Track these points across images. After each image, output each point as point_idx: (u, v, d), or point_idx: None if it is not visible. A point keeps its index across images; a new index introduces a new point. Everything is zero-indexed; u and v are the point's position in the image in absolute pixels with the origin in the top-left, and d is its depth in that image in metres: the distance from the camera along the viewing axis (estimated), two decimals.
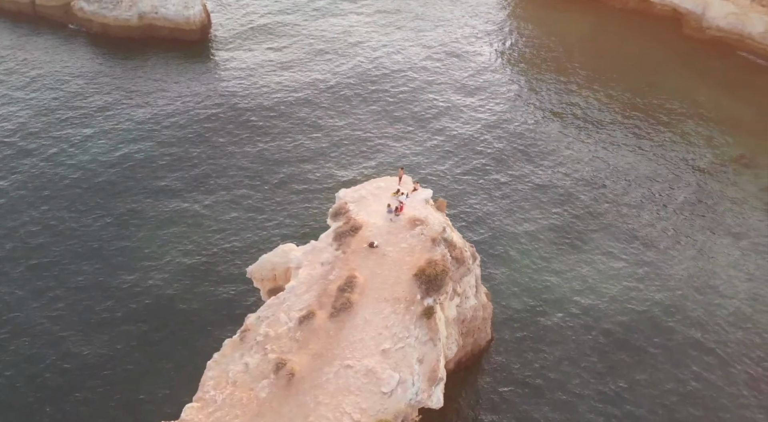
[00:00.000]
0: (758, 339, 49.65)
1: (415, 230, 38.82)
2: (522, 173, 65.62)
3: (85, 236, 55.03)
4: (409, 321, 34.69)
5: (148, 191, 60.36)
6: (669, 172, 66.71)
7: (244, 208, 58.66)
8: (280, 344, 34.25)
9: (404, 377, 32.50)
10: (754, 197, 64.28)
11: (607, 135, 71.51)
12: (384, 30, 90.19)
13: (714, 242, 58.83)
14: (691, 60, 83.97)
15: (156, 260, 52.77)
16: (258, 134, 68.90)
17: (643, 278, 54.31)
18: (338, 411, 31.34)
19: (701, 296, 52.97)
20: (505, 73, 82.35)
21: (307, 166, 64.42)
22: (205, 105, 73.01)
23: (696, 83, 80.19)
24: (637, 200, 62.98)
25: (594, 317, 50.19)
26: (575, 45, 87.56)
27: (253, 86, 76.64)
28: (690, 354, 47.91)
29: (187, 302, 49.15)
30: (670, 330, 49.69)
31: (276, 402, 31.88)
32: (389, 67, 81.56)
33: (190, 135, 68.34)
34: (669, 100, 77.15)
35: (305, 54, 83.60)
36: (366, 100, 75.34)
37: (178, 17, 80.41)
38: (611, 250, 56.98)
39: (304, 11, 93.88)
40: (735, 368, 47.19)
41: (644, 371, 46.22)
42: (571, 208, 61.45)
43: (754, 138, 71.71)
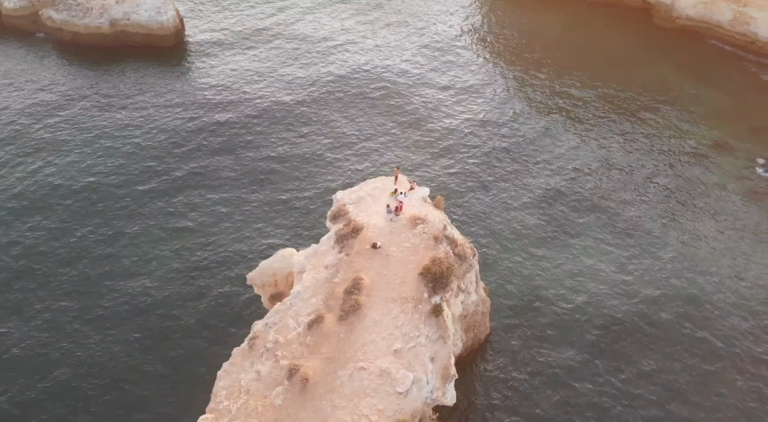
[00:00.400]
0: (747, 321, 50.97)
1: (417, 228, 38.90)
2: (508, 168, 66.21)
3: (67, 249, 53.77)
4: (419, 319, 34.77)
5: (130, 201, 59.11)
6: (649, 161, 68.02)
7: (231, 215, 57.93)
8: (290, 350, 34.02)
9: (418, 376, 32.57)
10: (733, 181, 65.92)
11: (587, 128, 72.60)
12: (361, 33, 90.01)
13: (698, 227, 60.19)
14: (663, 50, 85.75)
15: (145, 271, 51.59)
16: (239, 140, 68.14)
17: (631, 265, 55.31)
18: (356, 413, 31.27)
19: (690, 281, 54.10)
20: (485, 71, 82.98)
21: (293, 171, 63.90)
22: (183, 112, 72.04)
23: (670, 73, 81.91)
24: (621, 190, 64.06)
25: (587, 306, 50.90)
26: (550, 40, 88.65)
27: (232, 92, 75.86)
28: (681, 339, 48.90)
29: (182, 312, 48.43)
30: (659, 315, 50.69)
31: (292, 408, 31.67)
32: (368, 70, 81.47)
33: (169, 143, 67.33)
34: (645, 91, 78.66)
35: (283, 57, 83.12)
36: (348, 103, 75.10)
37: (152, 23, 79.14)
38: (599, 239, 57.87)
39: (280, 14, 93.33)
40: (726, 351, 48.24)
41: (636, 355, 47.16)
42: (556, 201, 62.22)
43: (729, 123, 73.57)
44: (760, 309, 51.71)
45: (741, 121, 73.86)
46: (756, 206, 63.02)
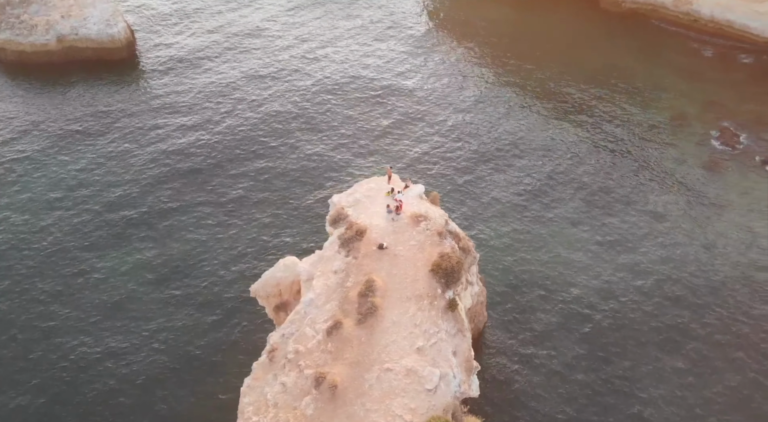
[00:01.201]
0: (718, 284, 53.84)
1: (420, 226, 39.28)
2: (479, 159, 67.47)
3: (33, 282, 51.89)
4: (436, 316, 35.21)
5: (97, 225, 57.15)
6: (611, 142, 70.49)
7: (202, 235, 56.47)
8: (313, 358, 33.92)
9: (444, 371, 33.03)
10: (692, 154, 69.13)
11: (548, 114, 74.52)
12: (317, 40, 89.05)
13: (666, 201, 62.89)
14: (611, 33, 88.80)
15: (130, 304, 50.43)
16: (199, 153, 66.46)
17: (607, 244, 57.51)
18: (389, 415, 31.49)
19: (664, 254, 56.60)
20: (446, 67, 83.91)
21: (261, 184, 62.67)
22: (141, 126, 70.08)
23: (620, 55, 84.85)
24: (589, 171, 66.22)
25: (570, 286, 52.86)
26: (502, 32, 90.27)
27: (189, 103, 74.14)
28: (663, 310, 51.32)
29: (175, 334, 47.59)
30: (638, 289, 53.04)
31: (325, 416, 31.63)
32: (334, 78, 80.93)
33: (129, 159, 65.35)
34: (600, 74, 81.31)
35: (240, 66, 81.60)
36: (315, 110, 74.61)
37: (102, 36, 76.61)
38: (575, 221, 59.79)
39: (233, 23, 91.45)
40: (708, 321, 50.77)
41: (619, 329, 49.43)
42: (529, 187, 63.84)
43: (681, 100, 76.98)
44: (732, 277, 54.57)
45: (691, 97, 77.39)
46: (716, 177, 66.29)
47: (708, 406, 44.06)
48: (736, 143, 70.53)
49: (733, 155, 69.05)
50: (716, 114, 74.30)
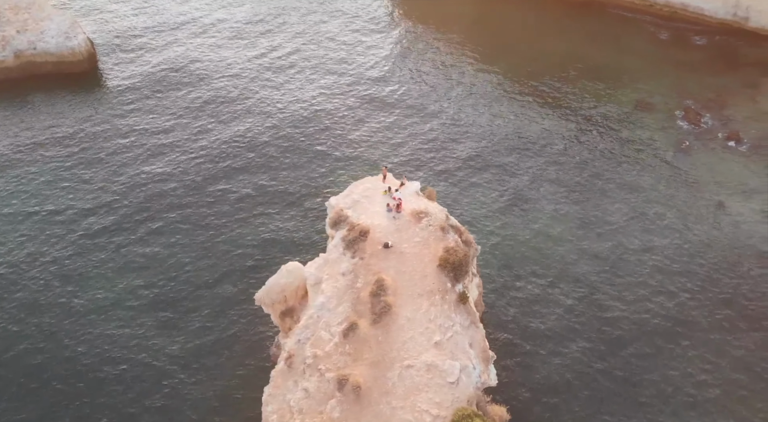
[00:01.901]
0: (695, 257, 56.42)
1: (422, 222, 39.67)
2: (453, 152, 68.25)
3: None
4: (449, 310, 35.72)
5: (65, 244, 55.56)
6: (581, 129, 72.32)
7: (175, 251, 55.35)
8: (332, 361, 34.01)
9: (464, 363, 33.59)
10: (660, 135, 71.60)
11: (516, 106, 75.78)
12: (270, 43, 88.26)
13: (640, 182, 65.00)
14: (570, 22, 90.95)
15: (116, 316, 49.48)
16: (168, 166, 65.05)
17: (588, 226, 59.19)
18: (415, 410, 31.87)
19: (640, 233, 58.69)
20: (409, 65, 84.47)
21: (241, 195, 61.42)
22: (107, 140, 68.34)
23: (581, 43, 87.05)
24: (561, 159, 67.91)
25: (559, 272, 54.40)
26: (463, 27, 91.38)
27: (153, 114, 72.36)
28: (642, 282, 53.69)
29: (163, 351, 46.98)
30: (617, 264, 55.32)
31: (352, 418, 31.80)
32: (283, 80, 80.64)
33: (96, 175, 63.58)
34: (563, 63, 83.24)
35: (205, 74, 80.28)
36: (277, 115, 74.36)
37: (62, 49, 74.40)
38: (556, 208, 61.28)
39: (195, 31, 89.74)
40: (683, 296, 53.00)
41: (601, 302, 51.64)
42: (506, 177, 64.96)
43: (643, 83, 79.54)
44: (702, 252, 56.99)
45: (652, 79, 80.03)
46: (684, 155, 68.84)
47: (688, 372, 46.22)
48: (699, 121, 73.31)
49: (698, 133, 71.80)
50: (678, 95, 77.10)
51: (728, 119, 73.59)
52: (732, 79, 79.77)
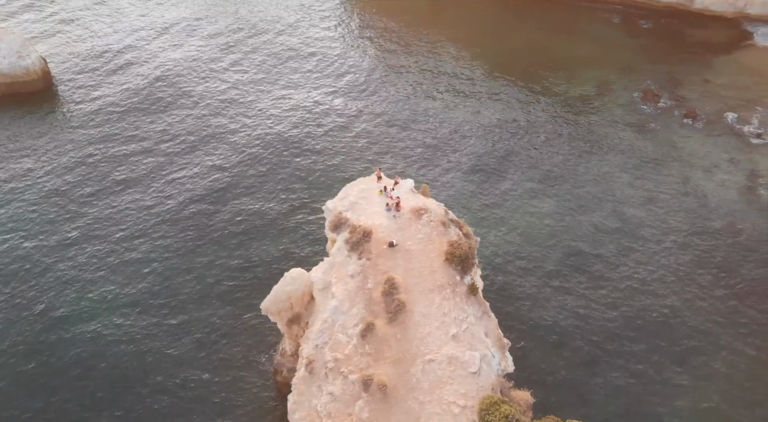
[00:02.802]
0: (658, 223, 59.90)
1: (423, 219, 40.23)
2: (429, 145, 69.32)
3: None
4: (461, 302, 36.45)
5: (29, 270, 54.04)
6: (546, 116, 74.39)
7: (147, 269, 54.57)
8: (353, 363, 34.28)
9: (483, 353, 34.40)
10: (622, 118, 74.40)
11: (480, 98, 77.36)
12: (224, 48, 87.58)
13: (607, 164, 67.47)
14: (525, 13, 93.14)
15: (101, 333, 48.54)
16: (128, 181, 63.56)
17: (562, 208, 61.41)
18: (443, 403, 32.50)
19: (612, 213, 61.22)
20: (370, 66, 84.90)
21: (190, 211, 60.28)
22: (66, 158, 66.36)
23: (537, 33, 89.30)
24: (531, 145, 69.89)
25: (541, 253, 56.62)
26: (418, 23, 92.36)
27: (111, 130, 70.38)
28: (620, 257, 56.62)
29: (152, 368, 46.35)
30: (592, 236, 58.23)
31: (382, 416, 32.18)
32: (241, 87, 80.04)
33: (57, 194, 61.74)
34: (521, 54, 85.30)
35: (163, 87, 78.51)
36: (238, 121, 73.76)
37: (15, 69, 71.81)
38: (531, 195, 63.12)
39: (147, 48, 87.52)
40: (652, 263, 56.14)
41: (582, 273, 54.72)
42: (479, 168, 66.37)
43: (602, 68, 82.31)
44: (674, 227, 59.82)
45: (610, 64, 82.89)
46: (646, 135, 71.72)
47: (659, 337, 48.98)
48: (657, 102, 76.39)
49: (657, 113, 74.87)
50: (634, 77, 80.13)
51: (683, 97, 76.96)
52: (682, 59, 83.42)
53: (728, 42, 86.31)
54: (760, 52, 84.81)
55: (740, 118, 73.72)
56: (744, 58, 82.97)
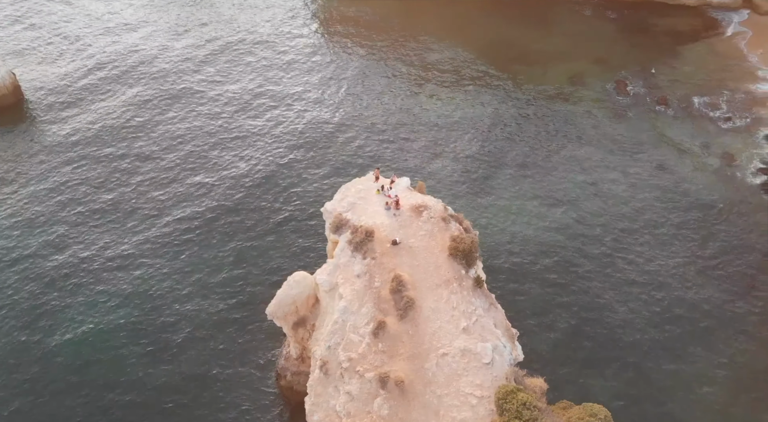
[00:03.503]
0: (640, 207, 62.11)
1: (423, 216, 40.72)
2: (405, 146, 69.89)
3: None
4: (468, 295, 37.06)
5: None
6: (523, 110, 75.68)
7: (152, 283, 54.14)
8: (368, 361, 34.59)
9: (495, 343, 35.05)
10: (597, 108, 76.14)
11: (459, 95, 78.36)
12: (211, 63, 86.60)
13: (585, 153, 69.10)
14: (496, 8, 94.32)
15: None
16: (103, 198, 62.39)
17: (542, 196, 63.00)
18: (460, 395, 33.07)
19: (593, 199, 63.10)
20: (343, 66, 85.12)
21: (168, 228, 59.39)
22: (36, 173, 65.13)
23: (509, 27, 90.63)
24: (510, 138, 71.11)
25: (528, 241, 58.20)
26: (391, 21, 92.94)
27: (85, 148, 68.83)
28: (603, 238, 58.69)
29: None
30: (577, 231, 59.63)
31: (402, 411, 32.60)
32: (220, 97, 79.04)
33: (32, 212, 60.56)
34: (494, 49, 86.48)
35: (133, 98, 77.28)
36: (212, 130, 72.89)
37: None
38: (514, 187, 64.30)
39: (119, 53, 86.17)
40: (638, 244, 58.19)
41: (564, 255, 56.64)
42: (460, 164, 67.33)
43: (574, 60, 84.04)
44: (651, 209, 61.88)
45: (582, 56, 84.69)
46: (622, 123, 73.64)
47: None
48: (629, 91, 78.39)
49: (630, 102, 76.87)
50: (606, 68, 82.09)
51: (654, 85, 79.14)
52: (650, 48, 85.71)
53: (693, 30, 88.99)
54: (723, 38, 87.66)
55: (709, 102, 76.17)
56: (709, 45, 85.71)
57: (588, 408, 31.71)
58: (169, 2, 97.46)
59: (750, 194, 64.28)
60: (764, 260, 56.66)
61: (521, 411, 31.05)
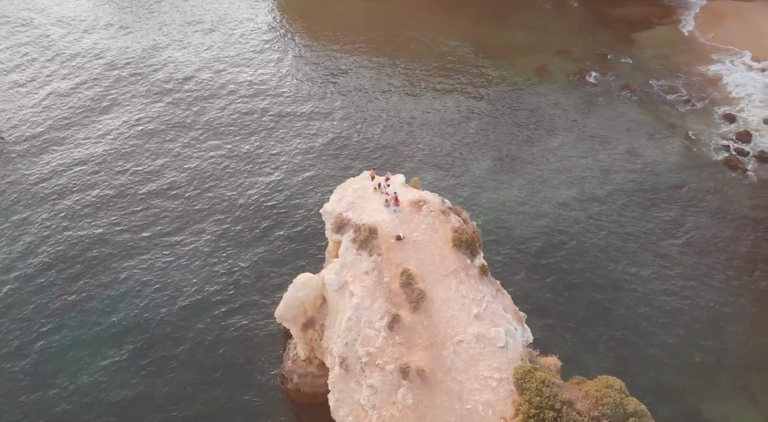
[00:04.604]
0: (614, 189, 64.57)
1: (423, 210, 41.87)
2: (386, 141, 70.87)
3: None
4: (476, 283, 38.33)
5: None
6: (493, 104, 77.61)
7: (144, 294, 54.17)
8: (387, 354, 35.47)
9: (506, 327, 36.38)
10: (565, 97, 78.56)
11: (429, 93, 79.80)
12: (176, 71, 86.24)
13: (558, 142, 71.35)
14: (458, 7, 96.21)
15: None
16: (81, 225, 60.85)
17: (524, 189, 64.74)
18: (480, 379, 34.25)
19: (570, 186, 65.26)
20: (310, 68, 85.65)
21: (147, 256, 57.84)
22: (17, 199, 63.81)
23: (472, 24, 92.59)
24: (484, 131, 72.88)
25: (512, 227, 59.93)
26: (356, 25, 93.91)
27: (56, 177, 67.49)
28: (580, 219, 60.43)
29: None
30: (557, 209, 62.03)
31: (427, 399, 33.59)
32: (197, 122, 79.20)
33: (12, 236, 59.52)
34: (459, 46, 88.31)
35: (100, 132, 76.11)
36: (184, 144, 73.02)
37: None
38: (494, 178, 65.97)
39: (86, 76, 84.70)
40: (613, 225, 60.65)
41: (554, 246, 58.34)
42: (437, 154, 68.86)
43: (539, 53, 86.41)
44: (624, 190, 64.52)
45: (544, 48, 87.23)
46: (590, 111, 76.24)
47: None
48: (593, 79, 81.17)
49: (597, 90, 79.58)
50: (569, 59, 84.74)
51: (617, 73, 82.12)
52: (608, 37, 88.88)
53: (648, 17, 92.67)
54: (678, 24, 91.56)
55: (669, 86, 79.54)
56: (664, 31, 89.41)
57: (603, 381, 33.25)
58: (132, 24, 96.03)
59: (714, 170, 67.56)
60: (732, 230, 59.78)
61: (541, 388, 32.39)
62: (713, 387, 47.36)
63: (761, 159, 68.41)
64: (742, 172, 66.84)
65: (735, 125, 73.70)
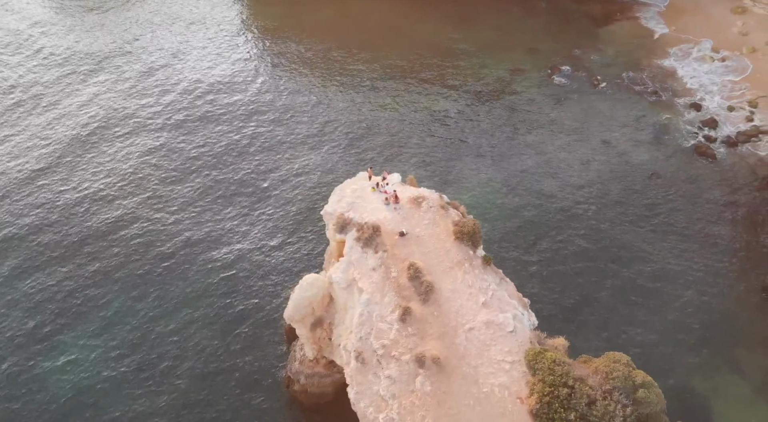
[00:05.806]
0: (592, 181, 66.96)
1: (422, 206, 43.19)
2: (368, 145, 72.18)
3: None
4: (480, 273, 39.81)
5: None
6: (470, 105, 79.55)
7: (137, 302, 54.50)
8: (402, 345, 36.62)
9: (514, 313, 37.92)
10: (539, 95, 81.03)
11: (405, 97, 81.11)
12: (154, 80, 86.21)
13: (536, 139, 73.63)
14: (426, 10, 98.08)
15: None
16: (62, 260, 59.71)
17: (506, 185, 66.55)
18: (493, 363, 35.67)
19: (551, 179, 67.56)
20: (283, 75, 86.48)
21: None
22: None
23: (441, 28, 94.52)
24: (463, 131, 74.81)
25: (499, 223, 61.80)
26: (326, 29, 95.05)
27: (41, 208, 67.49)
28: (560, 208, 62.58)
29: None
30: (539, 202, 64.34)
31: (444, 386, 34.83)
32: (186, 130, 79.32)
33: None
34: (431, 49, 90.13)
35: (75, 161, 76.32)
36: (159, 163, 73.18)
37: None
38: (480, 172, 67.79)
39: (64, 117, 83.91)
40: (594, 210, 63.17)
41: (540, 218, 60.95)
42: (420, 154, 70.47)
43: (509, 53, 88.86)
44: (601, 180, 67.07)
45: (514, 47, 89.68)
46: (564, 106, 78.79)
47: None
48: (564, 75, 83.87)
49: (568, 85, 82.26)
50: (539, 56, 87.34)
51: (585, 68, 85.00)
52: (574, 35, 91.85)
53: (611, 13, 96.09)
54: (640, 19, 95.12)
55: (636, 79, 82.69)
56: (628, 27, 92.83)
57: (610, 356, 34.97)
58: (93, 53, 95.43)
59: (685, 157, 70.63)
60: (707, 212, 62.71)
61: (553, 368, 33.94)
62: (702, 363, 49.68)
63: (729, 144, 71.80)
64: (711, 157, 70.02)
65: (700, 113, 77.04)
